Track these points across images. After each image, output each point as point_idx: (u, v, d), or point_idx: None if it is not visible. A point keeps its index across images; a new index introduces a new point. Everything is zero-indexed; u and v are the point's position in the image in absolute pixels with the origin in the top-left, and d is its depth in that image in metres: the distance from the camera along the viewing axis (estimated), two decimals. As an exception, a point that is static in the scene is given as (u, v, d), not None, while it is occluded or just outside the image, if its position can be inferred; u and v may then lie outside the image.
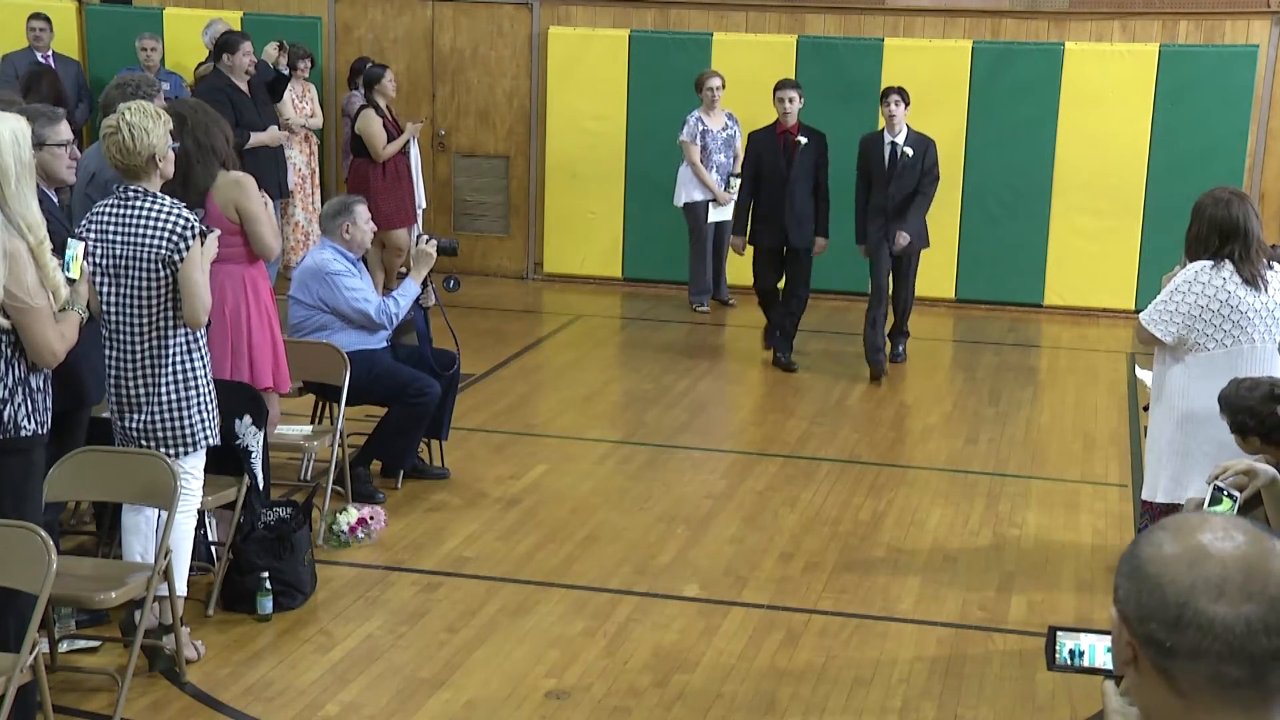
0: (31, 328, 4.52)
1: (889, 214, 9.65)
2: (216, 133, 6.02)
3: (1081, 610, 6.16)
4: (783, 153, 9.69)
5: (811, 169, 9.68)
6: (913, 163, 9.66)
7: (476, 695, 5.28)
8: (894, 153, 9.67)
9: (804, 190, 9.66)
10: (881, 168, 9.68)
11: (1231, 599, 1.64)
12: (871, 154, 9.76)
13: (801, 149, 9.64)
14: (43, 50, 12.10)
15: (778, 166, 9.67)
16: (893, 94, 9.64)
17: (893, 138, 9.69)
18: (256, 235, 6.11)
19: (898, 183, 9.68)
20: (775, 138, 9.77)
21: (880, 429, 8.79)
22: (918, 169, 9.68)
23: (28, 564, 4.43)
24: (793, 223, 9.68)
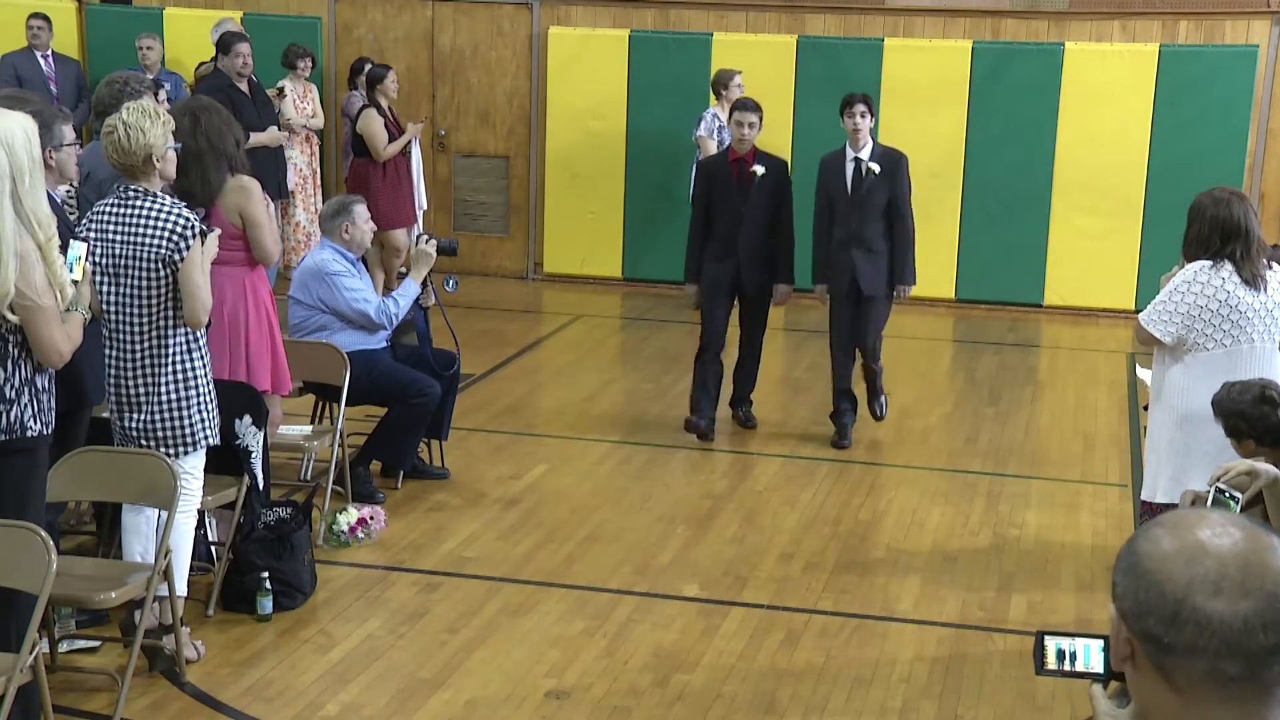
0: (39, 327, 4.52)
1: (854, 247, 8.05)
2: (228, 135, 6.04)
3: (1081, 610, 6.16)
4: (736, 184, 8.16)
5: (770, 203, 8.15)
6: (880, 182, 8.04)
7: (476, 695, 5.28)
8: (858, 171, 8.10)
9: (761, 227, 8.14)
10: (844, 190, 8.09)
11: (1229, 596, 1.65)
12: (832, 175, 8.19)
13: (758, 180, 8.11)
14: (42, 49, 12.10)
15: (730, 199, 8.15)
16: (857, 102, 8.06)
17: (856, 153, 8.10)
18: (257, 241, 6.12)
19: (862, 209, 8.06)
20: (727, 166, 8.25)
21: (880, 429, 8.79)
22: (886, 190, 8.05)
23: (28, 564, 4.43)
24: (747, 265, 8.18)
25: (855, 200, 8.05)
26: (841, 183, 8.10)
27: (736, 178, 8.17)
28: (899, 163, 8.11)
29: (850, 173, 8.09)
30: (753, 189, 8.13)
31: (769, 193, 8.16)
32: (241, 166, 6.14)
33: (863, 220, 8.04)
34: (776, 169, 8.26)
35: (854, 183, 8.08)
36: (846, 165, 8.12)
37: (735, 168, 8.20)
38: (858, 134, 8.07)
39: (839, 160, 8.19)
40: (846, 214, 8.07)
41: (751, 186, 8.12)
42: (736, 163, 8.22)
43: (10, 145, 4.40)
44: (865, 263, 8.07)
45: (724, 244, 8.20)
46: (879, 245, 8.07)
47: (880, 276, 8.12)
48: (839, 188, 8.11)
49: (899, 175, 8.08)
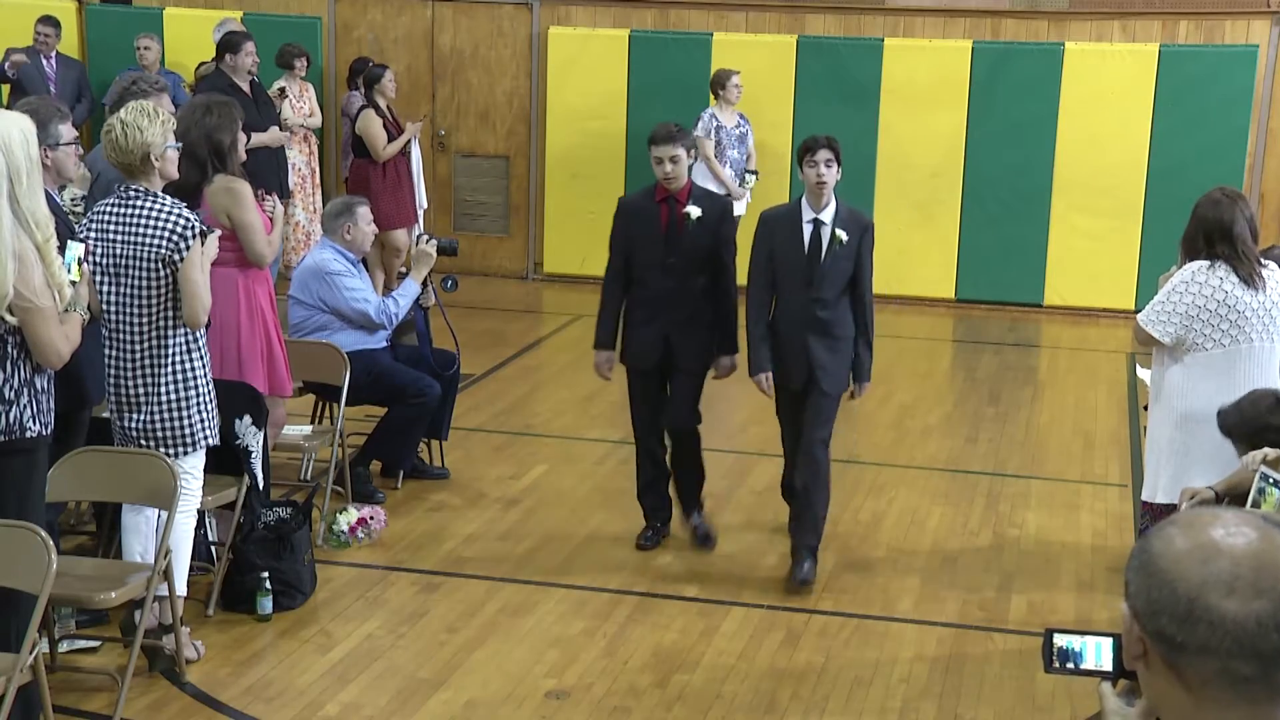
0: (37, 328, 4.52)
1: (810, 333, 6.27)
2: (201, 140, 6.01)
3: (1081, 610, 6.16)
4: (663, 230, 6.43)
5: (706, 254, 6.44)
6: (845, 254, 6.26)
7: (476, 695, 5.28)
8: (817, 237, 6.24)
9: (694, 284, 6.43)
10: (798, 259, 6.26)
11: (1243, 595, 1.64)
12: (781, 239, 6.30)
13: (691, 225, 6.39)
14: (47, 54, 12.11)
15: (655, 249, 6.44)
16: (820, 148, 6.18)
17: (817, 213, 6.24)
18: (247, 243, 6.12)
19: (821, 286, 6.24)
20: (652, 208, 6.47)
21: (880, 429, 8.79)
22: (851, 264, 6.29)
23: (28, 564, 4.43)
24: (678, 332, 6.44)
25: (813, 274, 6.23)
26: (796, 250, 6.24)
27: (665, 222, 6.42)
28: (867, 231, 6.32)
29: (808, 238, 6.24)
30: (685, 236, 6.40)
31: (707, 240, 6.42)
32: (232, 166, 6.12)
33: (821, 301, 6.24)
34: (716, 211, 6.52)
35: (813, 252, 6.24)
36: (803, 228, 6.24)
37: (663, 210, 6.43)
38: (821, 188, 6.18)
39: (792, 221, 6.28)
40: (798, 290, 6.26)
41: (683, 233, 6.40)
42: (665, 203, 6.44)
43: (7, 145, 4.40)
44: (828, 354, 6.29)
45: (649, 305, 6.46)
46: (842, 330, 6.32)
47: (844, 369, 6.37)
48: (792, 256, 6.25)
49: (865, 245, 6.32)
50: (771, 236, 6.34)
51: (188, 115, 6.11)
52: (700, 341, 6.50)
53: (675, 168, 6.40)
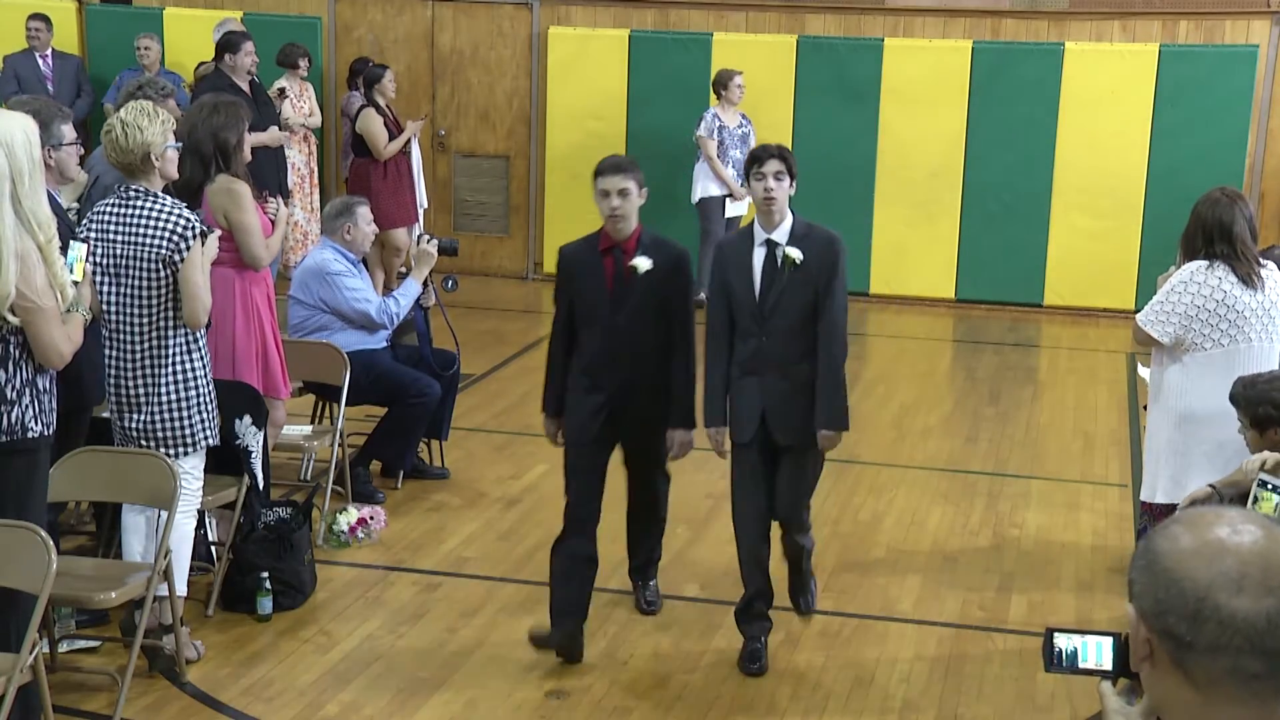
0: (39, 328, 4.52)
1: (764, 373, 5.47)
2: (207, 138, 6.03)
3: (1081, 610, 6.16)
4: (608, 285, 5.52)
5: (657, 311, 5.52)
6: (803, 278, 5.39)
7: (476, 695, 5.28)
8: (771, 260, 5.43)
9: (644, 344, 5.53)
10: (748, 289, 5.44)
11: (1252, 593, 1.65)
12: (734, 268, 5.50)
13: (639, 278, 5.48)
14: (41, 51, 12.11)
15: (597, 307, 5.54)
16: (769, 158, 5.40)
17: (768, 233, 5.44)
18: (243, 245, 6.12)
19: (777, 317, 5.42)
20: (595, 259, 5.56)
21: (880, 429, 8.79)
22: (811, 288, 5.39)
23: (28, 564, 4.43)
24: (625, 401, 5.56)
25: (767, 305, 5.42)
26: (746, 279, 5.44)
27: (610, 276, 5.52)
28: (830, 247, 5.43)
29: (760, 263, 5.43)
30: (632, 291, 5.49)
31: (657, 297, 5.51)
32: (235, 167, 6.12)
33: (777, 334, 5.42)
34: (669, 261, 5.54)
35: (766, 279, 5.42)
36: (754, 252, 5.45)
37: (608, 262, 5.53)
38: (769, 205, 5.38)
39: (744, 246, 5.50)
40: (753, 324, 5.44)
41: (631, 287, 5.49)
42: (609, 254, 5.53)
43: (10, 146, 4.40)
44: (780, 399, 5.45)
45: (593, 370, 5.57)
46: (803, 371, 5.44)
47: (804, 418, 5.46)
48: (742, 287, 5.45)
49: (831, 267, 5.40)
50: (725, 268, 5.54)
51: (194, 113, 6.13)
52: (650, 412, 5.62)
53: (624, 204, 5.44)
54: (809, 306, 5.39)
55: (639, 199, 5.52)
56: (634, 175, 5.50)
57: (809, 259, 5.39)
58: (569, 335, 5.66)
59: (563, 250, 5.74)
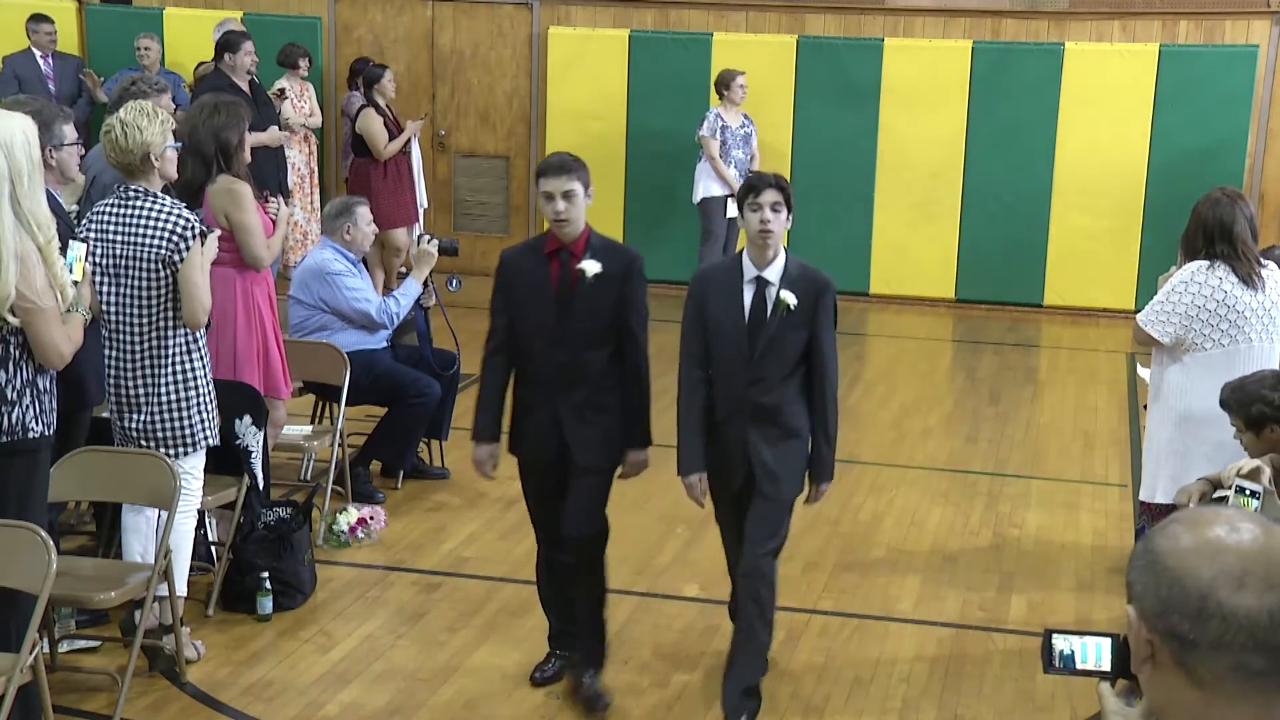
0: (40, 329, 4.52)
1: (750, 421, 5.04)
2: (209, 139, 6.03)
3: (1081, 610, 6.16)
4: (553, 291, 5.06)
5: (608, 321, 5.07)
6: (797, 321, 4.97)
7: (476, 695, 5.28)
8: (760, 301, 4.98)
9: (593, 359, 5.08)
10: (736, 330, 5.00)
11: (1255, 589, 1.65)
12: (718, 303, 5.05)
13: (588, 284, 5.02)
14: (45, 52, 12.12)
15: (542, 316, 5.07)
16: (766, 188, 4.93)
17: (760, 270, 4.99)
18: (244, 245, 6.12)
19: (766, 361, 5.00)
20: (540, 262, 5.11)
21: (880, 429, 8.79)
22: (804, 333, 4.99)
23: (28, 564, 4.43)
24: (574, 420, 5.10)
25: (756, 349, 4.97)
26: (733, 318, 5.00)
27: (555, 281, 5.05)
28: (823, 292, 5.00)
29: (749, 302, 4.99)
30: (580, 299, 5.03)
31: (608, 304, 5.05)
32: (236, 167, 6.13)
33: (766, 379, 4.99)
34: (620, 266, 5.07)
35: (755, 319, 4.98)
36: (743, 289, 5.00)
37: (554, 265, 5.07)
38: (765, 239, 4.93)
39: (730, 281, 5.04)
40: (738, 367, 5.01)
41: (579, 295, 5.03)
42: (556, 257, 5.07)
43: (9, 147, 4.41)
44: (770, 448, 5.04)
45: (538, 385, 5.13)
46: (792, 420, 5.06)
47: (796, 470, 5.12)
48: (728, 326, 5.01)
49: (823, 314, 5.01)
50: (705, 300, 5.07)
51: (195, 114, 6.13)
52: (601, 432, 5.13)
53: (569, 207, 4.98)
54: (799, 353, 5.01)
55: (585, 200, 5.07)
56: (579, 175, 5.07)
57: (802, 303, 4.96)
58: (510, 349, 5.18)
59: (504, 255, 5.27)
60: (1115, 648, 1.99)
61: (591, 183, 5.15)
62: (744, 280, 5.01)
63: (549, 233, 5.14)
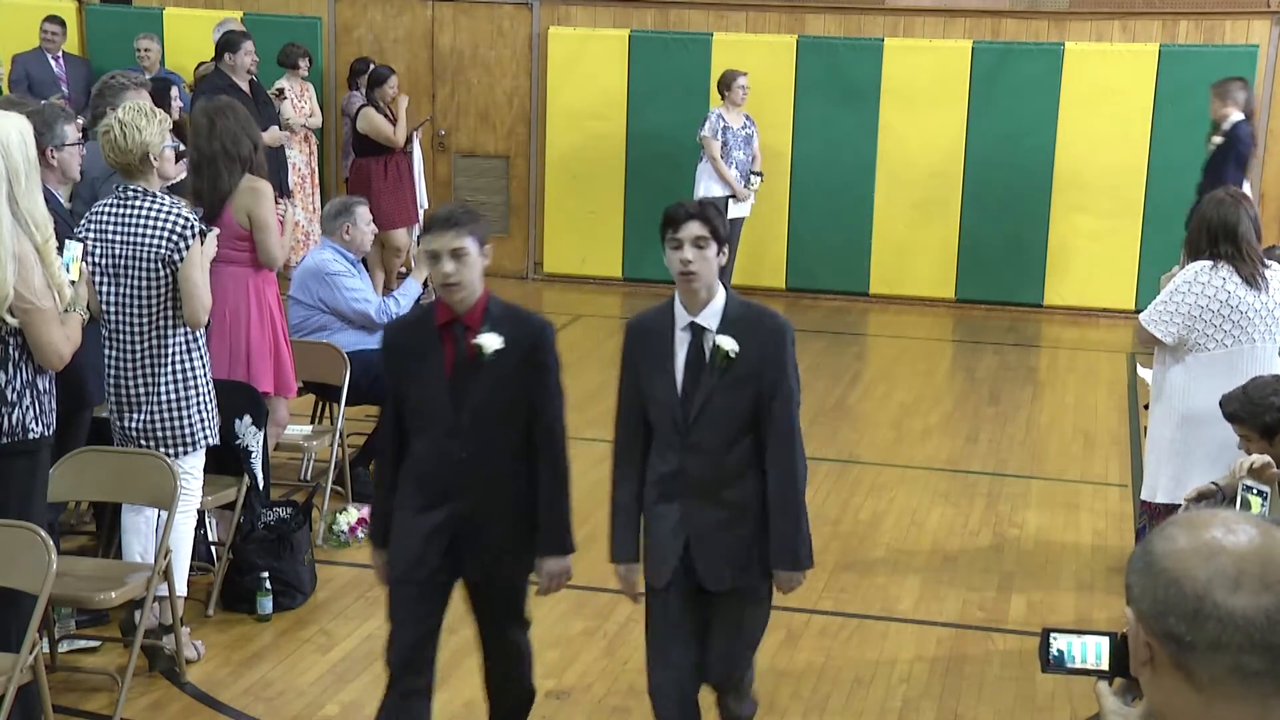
0: (38, 329, 4.53)
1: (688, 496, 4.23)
2: (244, 139, 6.06)
3: (1081, 610, 6.16)
4: (446, 370, 4.24)
5: (513, 403, 4.28)
6: (739, 376, 4.14)
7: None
8: (697, 352, 4.17)
9: (496, 448, 4.29)
10: (669, 389, 4.19)
11: (1250, 590, 1.65)
12: (649, 356, 4.26)
13: (486, 359, 4.21)
14: (54, 52, 12.14)
15: (434, 400, 4.25)
16: (687, 219, 4.11)
17: (693, 316, 4.17)
18: (262, 243, 6.13)
19: (704, 424, 4.16)
20: (430, 334, 4.27)
21: (880, 429, 8.79)
22: (751, 388, 4.16)
23: (28, 564, 4.43)
24: (473, 522, 4.30)
25: (691, 409, 4.16)
26: (665, 374, 4.20)
27: (449, 359, 4.24)
28: (775, 336, 4.21)
29: (683, 355, 4.18)
30: (479, 379, 4.23)
31: (512, 383, 4.26)
32: (258, 168, 6.15)
33: (704, 447, 4.18)
34: (527, 337, 4.27)
35: (690, 375, 4.17)
36: (675, 338, 4.19)
37: (446, 340, 4.25)
38: (691, 280, 4.10)
39: (662, 330, 4.23)
40: (674, 434, 4.21)
41: (476, 373, 4.22)
42: (449, 329, 4.25)
43: (6, 147, 4.41)
44: (709, 530, 4.23)
45: (428, 483, 4.30)
46: (739, 494, 4.22)
47: (740, 556, 4.25)
48: (660, 383, 4.21)
49: (776, 361, 4.18)
50: (637, 355, 4.29)
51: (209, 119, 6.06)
52: (503, 535, 4.34)
53: (460, 269, 4.13)
54: (747, 413, 4.15)
55: (482, 260, 4.20)
56: (471, 230, 4.17)
57: (747, 351, 4.12)
58: (400, 438, 4.34)
59: (386, 330, 4.65)
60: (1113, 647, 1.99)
61: (490, 239, 4.28)
62: (676, 329, 4.19)
63: (438, 302, 4.28)
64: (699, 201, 4.25)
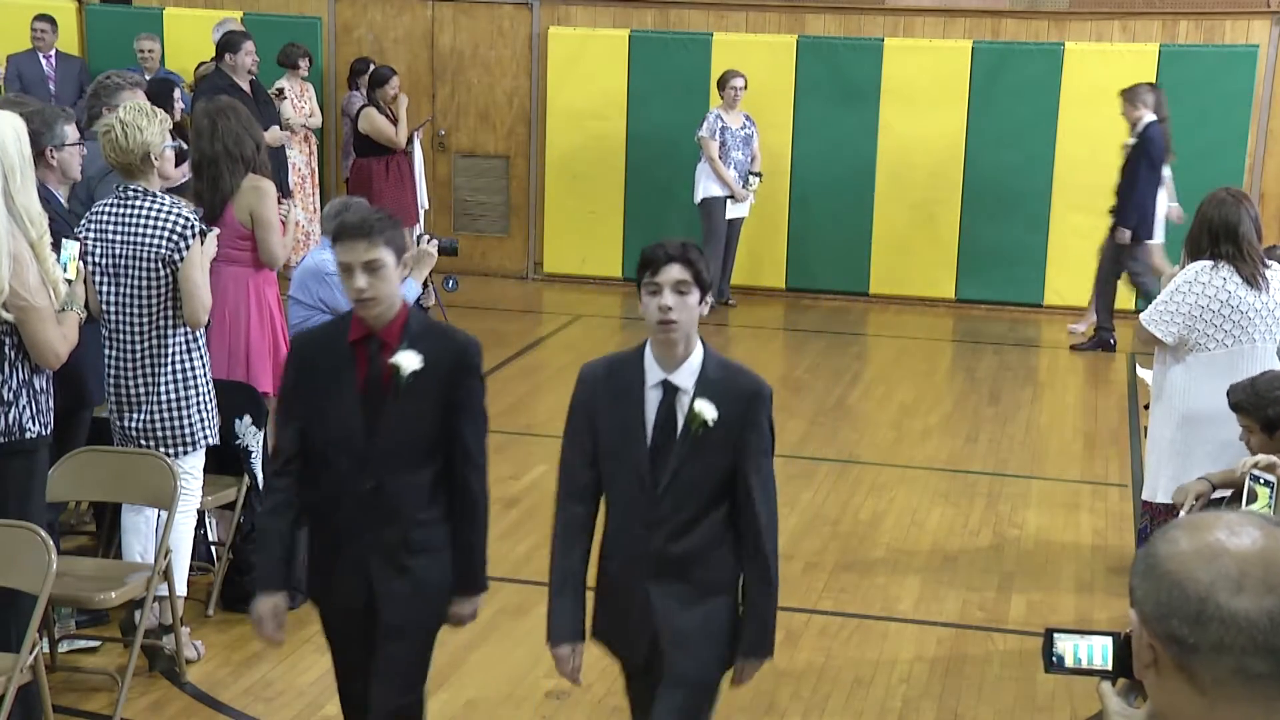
0: (34, 328, 4.52)
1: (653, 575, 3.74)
2: (247, 140, 6.06)
3: (1081, 610, 6.16)
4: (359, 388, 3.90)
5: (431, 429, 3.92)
6: (715, 443, 3.68)
7: (476, 695, 5.28)
8: (669, 413, 3.70)
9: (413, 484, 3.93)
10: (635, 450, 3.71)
11: (1253, 592, 1.65)
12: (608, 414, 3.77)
13: (403, 382, 3.86)
14: (45, 51, 12.13)
15: (344, 423, 3.89)
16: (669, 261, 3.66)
17: (667, 373, 3.70)
18: (264, 242, 6.13)
19: (676, 493, 3.70)
20: (342, 355, 3.94)
21: (880, 429, 8.79)
22: (727, 456, 3.70)
23: (28, 564, 4.43)
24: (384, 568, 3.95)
25: (661, 476, 3.69)
26: (632, 434, 3.72)
27: (362, 378, 3.90)
28: (753, 402, 3.72)
29: (653, 414, 3.71)
30: (392, 403, 3.87)
31: (430, 408, 3.90)
32: (261, 168, 6.15)
33: (675, 519, 3.71)
34: (449, 356, 3.94)
35: (660, 438, 3.70)
36: (645, 396, 3.71)
37: (360, 356, 3.91)
38: (669, 330, 3.63)
39: (629, 384, 3.74)
40: (638, 503, 3.73)
41: (391, 395, 3.87)
42: (363, 345, 3.92)
43: (1, 145, 4.41)
44: (685, 613, 3.75)
45: (338, 518, 3.96)
46: (713, 572, 3.77)
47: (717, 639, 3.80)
48: (625, 445, 3.73)
49: (753, 429, 3.71)
50: (595, 409, 3.76)
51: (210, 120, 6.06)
52: (421, 581, 3.98)
53: (375, 282, 3.82)
54: (721, 483, 3.70)
55: (400, 272, 3.91)
56: (387, 239, 3.85)
57: (724, 417, 3.65)
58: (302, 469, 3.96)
59: (294, 341, 4.26)
60: (1117, 647, 1.99)
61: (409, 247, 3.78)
62: (646, 385, 3.70)
63: (352, 315, 3.95)
64: (681, 243, 3.71)
